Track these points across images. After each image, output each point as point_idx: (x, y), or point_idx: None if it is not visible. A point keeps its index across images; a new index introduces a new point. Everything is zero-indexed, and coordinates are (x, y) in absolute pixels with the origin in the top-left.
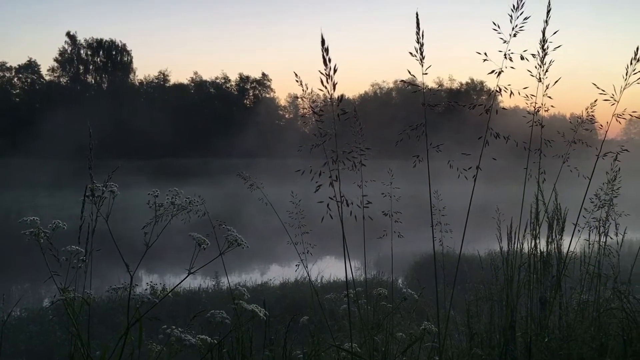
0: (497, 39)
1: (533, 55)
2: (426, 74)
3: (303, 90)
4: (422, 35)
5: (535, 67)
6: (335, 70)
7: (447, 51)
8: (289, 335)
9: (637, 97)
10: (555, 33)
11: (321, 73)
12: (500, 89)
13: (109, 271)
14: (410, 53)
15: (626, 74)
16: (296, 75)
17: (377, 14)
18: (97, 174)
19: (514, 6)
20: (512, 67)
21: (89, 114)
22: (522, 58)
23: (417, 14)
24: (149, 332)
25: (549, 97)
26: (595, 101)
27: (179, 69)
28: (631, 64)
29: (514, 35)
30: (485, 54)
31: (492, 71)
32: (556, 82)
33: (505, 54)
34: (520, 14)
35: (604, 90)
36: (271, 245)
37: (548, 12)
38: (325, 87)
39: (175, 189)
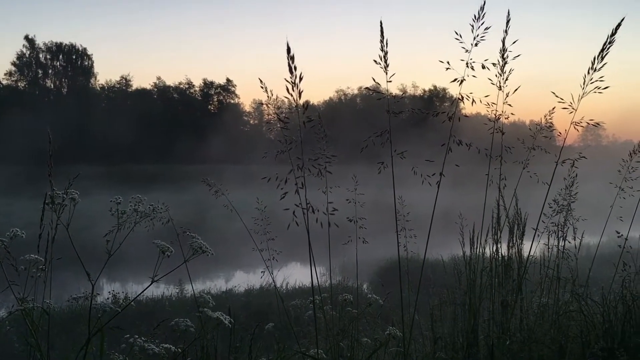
0: (460, 47)
1: (494, 64)
2: (390, 81)
3: (268, 97)
4: (386, 44)
5: (496, 75)
6: (301, 79)
7: (411, 58)
8: (254, 342)
9: (594, 104)
10: (514, 42)
11: (287, 81)
12: (462, 97)
13: (69, 280)
14: (375, 61)
15: (584, 83)
16: (261, 81)
17: (343, 21)
18: (57, 181)
19: (475, 16)
20: (473, 76)
21: (48, 119)
22: (483, 67)
23: (381, 23)
24: (111, 342)
25: (509, 105)
26: (554, 109)
27: (142, 74)
28: (588, 73)
29: (476, 44)
30: (448, 62)
31: (455, 80)
32: (515, 90)
33: (467, 63)
34: (481, 24)
35: (562, 99)
36: (236, 251)
37: (507, 22)
38: (291, 95)
39: (138, 196)
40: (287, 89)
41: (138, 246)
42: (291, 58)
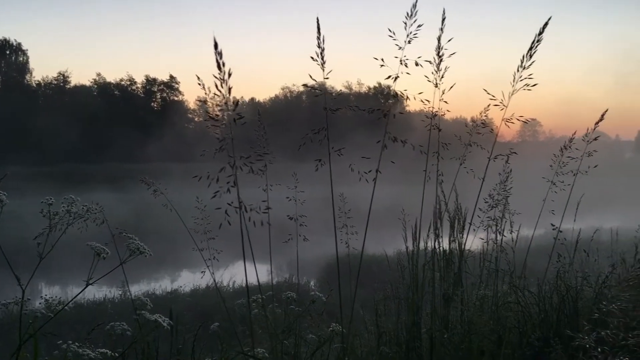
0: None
1: (429, 62)
2: (327, 78)
3: (206, 93)
4: (323, 40)
5: (432, 73)
6: (230, 75)
7: (358, 55)
8: (198, 343)
9: (534, 101)
10: (450, 40)
11: (215, 77)
12: (397, 94)
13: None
14: (312, 57)
15: (513, 80)
16: (198, 78)
17: (290, 18)
18: None
19: (407, 14)
20: (407, 73)
21: None
22: (416, 64)
23: (317, 20)
24: (50, 349)
25: (445, 102)
26: (488, 106)
27: (81, 70)
28: (518, 71)
29: (409, 42)
30: (382, 59)
31: (389, 76)
32: (451, 87)
33: (400, 60)
34: (414, 22)
35: (493, 96)
36: (181, 251)
37: (443, 20)
38: (220, 92)
39: (71, 197)
40: (216, 86)
41: (79, 248)
42: (219, 54)
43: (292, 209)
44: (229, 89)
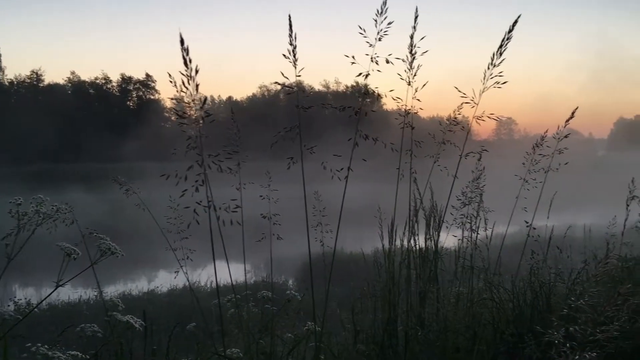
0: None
1: (402, 60)
2: (299, 76)
3: (177, 91)
4: (295, 38)
5: (405, 70)
6: (197, 71)
7: (337, 54)
8: (174, 344)
9: (503, 98)
10: (422, 38)
11: (182, 74)
12: (368, 92)
13: None
14: (284, 55)
15: (484, 78)
16: (170, 75)
17: (273, 17)
18: None
19: (378, 11)
20: (378, 71)
21: None
22: (387, 62)
23: (289, 17)
24: (22, 352)
25: (418, 99)
26: (461, 104)
27: (54, 69)
28: (488, 68)
29: (379, 39)
30: (353, 57)
31: (360, 74)
32: (424, 85)
33: (371, 58)
34: (384, 19)
35: (465, 94)
36: (157, 251)
37: (416, 18)
38: (187, 89)
39: (40, 196)
40: (183, 83)
41: (54, 249)
42: (185, 50)
43: (267, 207)
44: (197, 86)
